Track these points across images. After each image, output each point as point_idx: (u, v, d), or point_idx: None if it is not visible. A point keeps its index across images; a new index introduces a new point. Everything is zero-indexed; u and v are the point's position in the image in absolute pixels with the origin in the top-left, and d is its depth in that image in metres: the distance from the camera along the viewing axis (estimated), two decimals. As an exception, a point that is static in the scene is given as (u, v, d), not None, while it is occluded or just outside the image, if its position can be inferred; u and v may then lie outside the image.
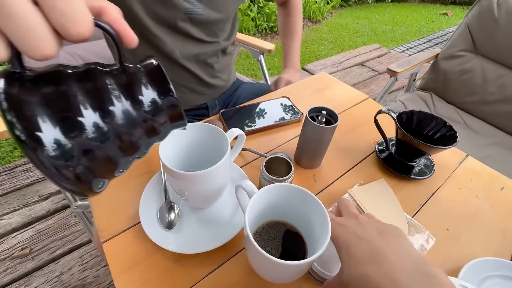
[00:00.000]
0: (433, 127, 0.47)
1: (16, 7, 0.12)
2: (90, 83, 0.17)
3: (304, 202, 0.29)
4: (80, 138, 0.16)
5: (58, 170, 0.16)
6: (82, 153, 0.16)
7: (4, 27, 0.13)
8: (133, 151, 0.20)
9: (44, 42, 0.13)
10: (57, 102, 0.16)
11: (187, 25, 0.54)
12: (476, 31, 0.98)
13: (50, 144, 0.15)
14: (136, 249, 0.34)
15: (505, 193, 0.46)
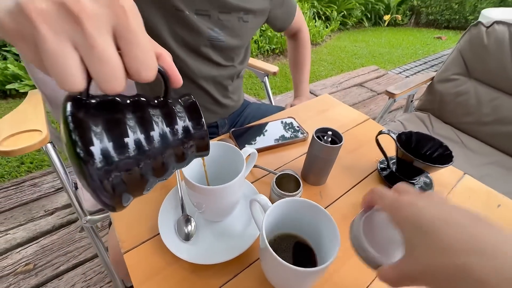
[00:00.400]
0: (431, 147, 0.50)
1: (107, 53, 0.15)
2: (139, 112, 0.20)
3: (314, 215, 0.32)
4: (125, 158, 0.19)
5: (102, 184, 0.18)
6: (124, 170, 0.19)
7: (92, 66, 0.16)
8: (163, 173, 0.22)
9: (120, 82, 0.17)
10: (111, 126, 0.19)
11: (208, 50, 0.59)
12: (468, 57, 1.05)
13: (101, 161, 0.18)
14: (155, 259, 0.37)
15: (501, 210, 0.49)
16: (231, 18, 0.58)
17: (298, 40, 0.85)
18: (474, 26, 1.03)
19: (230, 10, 0.57)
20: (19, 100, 2.05)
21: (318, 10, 4.10)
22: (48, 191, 1.25)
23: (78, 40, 0.15)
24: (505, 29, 0.96)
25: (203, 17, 0.55)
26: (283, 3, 0.70)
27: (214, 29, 0.57)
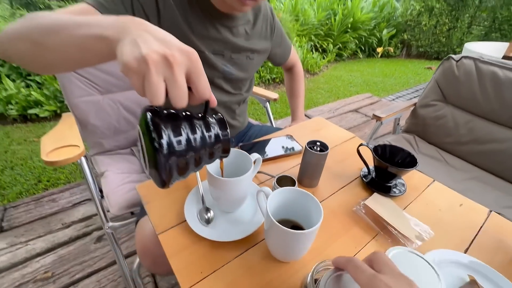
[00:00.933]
0: (401, 156, 0.62)
1: (182, 85, 0.27)
2: (189, 121, 0.32)
3: (304, 200, 0.43)
4: (180, 149, 0.30)
5: (164, 165, 0.29)
6: (178, 157, 0.30)
7: (171, 91, 0.27)
8: (199, 164, 0.33)
9: (185, 101, 0.28)
10: (173, 128, 0.30)
11: (221, 81, 0.73)
12: (443, 86, 1.20)
13: (166, 149, 0.29)
14: (182, 239, 0.47)
15: (462, 208, 0.59)
16: (241, 56, 0.74)
17: (293, 73, 1.01)
18: (446, 60, 1.20)
19: (240, 51, 0.73)
20: (38, 124, 2.22)
21: (315, 44, 4.44)
22: (65, 206, 1.34)
23: (168, 76, 0.27)
24: (472, 62, 1.13)
25: (219, 56, 0.70)
26: (281, 43, 0.87)
27: (226, 65, 0.72)
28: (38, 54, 0.38)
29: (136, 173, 0.98)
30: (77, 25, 0.33)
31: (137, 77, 0.27)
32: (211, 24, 0.65)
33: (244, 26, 0.72)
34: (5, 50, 0.41)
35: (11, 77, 2.36)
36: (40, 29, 0.36)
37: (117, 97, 1.12)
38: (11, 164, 1.71)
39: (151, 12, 0.58)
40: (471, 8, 5.08)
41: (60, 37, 0.34)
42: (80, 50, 0.34)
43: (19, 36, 0.39)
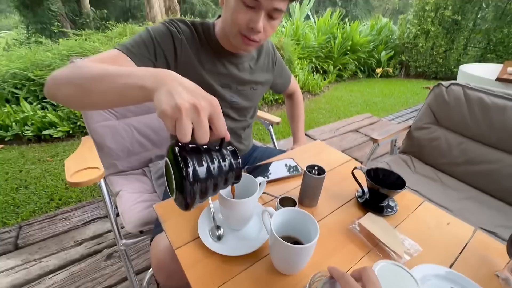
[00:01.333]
0: (392, 179, 0.68)
1: (206, 126, 0.35)
2: (208, 154, 0.39)
3: (303, 219, 0.49)
4: (203, 176, 0.37)
5: (190, 191, 0.36)
6: (201, 183, 0.37)
7: (197, 131, 0.34)
8: (216, 190, 0.40)
9: (207, 139, 0.36)
10: (197, 160, 0.37)
11: (228, 110, 0.82)
12: (435, 110, 1.28)
13: (193, 177, 0.36)
14: (197, 253, 0.53)
15: (450, 227, 0.65)
16: (245, 88, 0.83)
17: (293, 100, 1.11)
18: (437, 86, 1.29)
19: (244, 83, 0.82)
20: (51, 144, 2.32)
21: (316, 65, 4.62)
22: (77, 224, 1.40)
23: (195, 120, 0.34)
24: (460, 89, 1.22)
25: (226, 88, 0.79)
26: (282, 74, 0.97)
27: (233, 96, 0.81)
28: (83, 97, 0.46)
29: (148, 192, 1.05)
30: (118, 75, 0.41)
31: (170, 121, 0.34)
32: (220, 61, 0.75)
33: (249, 62, 0.82)
34: (53, 93, 0.50)
35: (28, 100, 2.50)
36: (86, 77, 0.45)
37: (131, 121, 1.21)
38: (26, 183, 1.80)
39: (170, 55, 0.68)
40: (465, 31, 5.29)
41: (103, 85, 0.42)
42: (119, 96, 0.42)
43: (67, 81, 0.47)
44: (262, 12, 0.59)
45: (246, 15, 0.59)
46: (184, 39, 0.69)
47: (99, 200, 1.60)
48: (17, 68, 2.51)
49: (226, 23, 0.65)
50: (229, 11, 0.61)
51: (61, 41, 2.90)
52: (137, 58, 0.61)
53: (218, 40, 0.73)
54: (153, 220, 0.88)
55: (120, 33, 3.10)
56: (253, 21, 0.59)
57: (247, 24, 0.60)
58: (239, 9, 0.59)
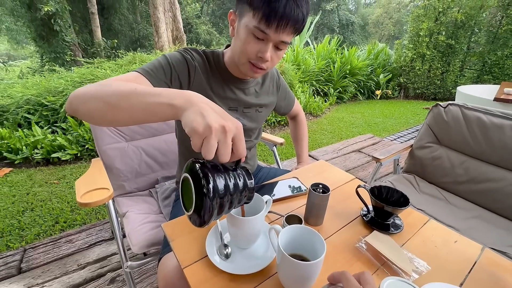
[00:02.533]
0: (396, 197, 0.70)
1: (229, 146, 0.38)
2: (226, 172, 0.41)
3: (309, 236, 0.51)
4: (222, 193, 0.39)
5: (209, 207, 0.38)
6: (219, 199, 0.39)
7: (220, 150, 0.38)
8: (230, 207, 0.42)
9: (228, 158, 0.38)
10: (216, 177, 0.39)
11: None
12: (435, 129, 1.31)
13: (212, 193, 0.38)
14: (205, 272, 0.54)
15: (457, 245, 0.64)
16: (251, 110, 0.87)
17: (297, 122, 1.15)
18: (435, 106, 1.33)
19: (250, 106, 0.87)
20: (59, 167, 2.37)
21: (317, 88, 4.76)
22: (81, 247, 1.39)
23: (221, 140, 0.37)
24: (458, 109, 1.25)
25: (233, 111, 0.84)
26: (285, 97, 1.02)
27: (239, 118, 0.85)
28: (108, 112, 0.47)
29: (154, 213, 1.06)
30: (147, 93, 0.44)
31: (199, 138, 0.37)
32: (228, 87, 0.81)
33: (254, 86, 0.87)
34: (75, 108, 0.52)
35: (39, 124, 2.59)
36: (115, 93, 0.47)
37: (140, 143, 1.26)
38: (32, 205, 1.81)
39: (184, 79, 0.74)
40: (460, 54, 5.48)
41: (131, 101, 0.45)
42: (147, 112, 0.44)
43: (93, 97, 0.49)
44: (270, 44, 0.65)
45: (256, 46, 0.65)
46: (197, 66, 0.75)
47: (104, 222, 1.60)
48: (31, 94, 2.63)
49: (236, 52, 0.70)
50: (240, 42, 0.67)
51: (74, 69, 3.06)
52: (154, 80, 0.66)
53: (227, 68, 0.79)
54: (160, 241, 0.88)
55: (130, 61, 3.27)
56: (262, 51, 0.66)
57: (256, 54, 0.66)
58: (250, 40, 0.65)
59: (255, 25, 0.62)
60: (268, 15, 0.59)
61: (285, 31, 0.63)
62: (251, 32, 0.64)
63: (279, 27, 0.61)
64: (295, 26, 0.63)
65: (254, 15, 0.61)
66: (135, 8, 10.58)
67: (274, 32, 0.62)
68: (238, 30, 0.67)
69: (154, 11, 5.41)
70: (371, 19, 21.67)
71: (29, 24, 6.90)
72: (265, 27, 0.61)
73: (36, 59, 8.25)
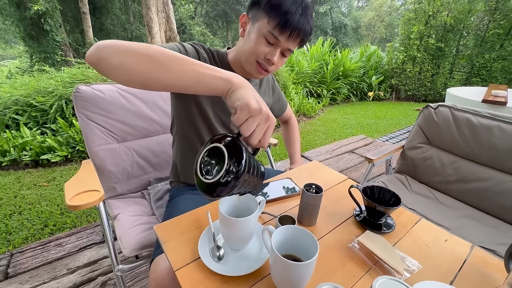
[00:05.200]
0: (388, 197, 0.70)
1: (263, 131, 0.43)
2: (253, 155, 0.45)
3: (302, 236, 0.50)
4: (249, 169, 0.42)
5: (237, 177, 0.40)
6: (247, 174, 0.42)
7: (256, 132, 0.43)
8: (244, 188, 0.45)
9: (257, 142, 0.43)
10: (250, 155, 0.44)
11: (233, 127, 0.88)
12: (426, 130, 1.33)
13: (244, 166, 0.41)
14: (197, 274, 0.53)
15: (448, 244, 0.65)
16: None
17: (289, 125, 1.18)
18: (425, 108, 1.35)
19: None
20: (48, 169, 2.31)
21: (310, 90, 4.79)
22: (71, 250, 1.36)
23: (261, 124, 0.43)
24: (448, 110, 1.28)
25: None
26: (279, 100, 1.05)
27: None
28: (155, 72, 0.46)
29: (147, 215, 1.04)
30: (200, 65, 0.48)
31: (246, 114, 0.42)
32: None
33: (254, 87, 0.89)
34: (105, 57, 0.46)
35: (28, 125, 2.53)
36: (167, 55, 0.47)
37: (132, 144, 1.24)
38: (20, 209, 1.76)
39: None
40: (450, 56, 5.61)
41: (185, 67, 0.47)
42: (197, 81, 0.47)
43: (138, 52, 0.46)
44: (278, 49, 0.72)
45: (266, 49, 0.71)
46: (205, 57, 0.79)
47: (95, 225, 1.57)
48: (19, 95, 2.57)
49: (245, 52, 0.74)
50: (251, 43, 0.72)
51: (65, 69, 3.00)
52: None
53: (230, 66, 0.82)
54: (152, 243, 0.87)
55: (122, 61, 3.23)
56: (270, 54, 0.72)
57: (265, 56, 0.72)
58: (261, 42, 0.70)
59: (269, 30, 0.68)
60: (283, 24, 0.66)
61: (295, 41, 0.70)
62: (264, 36, 0.69)
63: (291, 36, 0.68)
64: (303, 38, 0.71)
65: (269, 21, 0.67)
66: (128, 8, 10.48)
67: (285, 40, 0.69)
68: (249, 32, 0.73)
69: (147, 11, 5.36)
70: (363, 22, 21.99)
71: (18, 24, 6.76)
72: (278, 34, 0.68)
73: (26, 59, 8.07)
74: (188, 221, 0.67)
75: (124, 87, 1.21)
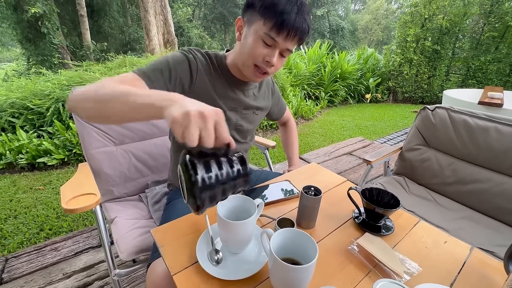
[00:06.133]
0: (386, 199, 0.70)
1: (212, 132, 0.39)
2: (217, 160, 0.41)
3: (301, 239, 0.50)
4: (211, 181, 0.39)
5: (199, 195, 0.39)
6: (210, 188, 0.39)
7: (204, 137, 0.38)
8: (224, 194, 0.42)
9: (212, 143, 0.39)
10: (206, 166, 0.39)
11: (233, 132, 0.88)
12: (423, 131, 1.34)
13: (201, 183, 0.38)
14: (195, 278, 0.52)
15: (447, 245, 0.65)
16: (249, 112, 0.90)
17: (287, 127, 1.18)
18: (423, 109, 1.35)
19: (249, 108, 0.88)
20: (44, 172, 2.29)
21: (308, 92, 4.80)
22: (67, 255, 1.34)
23: (201, 126, 0.38)
24: (445, 112, 1.28)
25: (233, 111, 0.85)
26: (278, 103, 1.05)
27: (238, 119, 0.87)
28: (101, 112, 0.52)
29: (144, 219, 1.03)
30: (134, 95, 0.47)
31: (180, 127, 0.38)
32: (230, 87, 0.83)
33: (253, 90, 0.90)
34: (73, 107, 0.56)
35: (25, 128, 2.51)
36: (107, 94, 0.50)
37: (129, 147, 1.23)
38: (15, 213, 1.74)
39: (186, 79, 0.75)
40: (446, 59, 5.66)
41: (120, 101, 0.48)
42: (134, 112, 0.47)
43: (87, 97, 0.53)
44: (277, 50, 0.70)
45: (264, 51, 0.70)
46: (200, 66, 0.77)
47: (92, 229, 1.55)
48: (16, 97, 2.55)
49: (243, 55, 0.73)
50: (248, 46, 0.70)
51: (62, 72, 2.99)
52: (150, 82, 0.67)
53: (229, 69, 0.82)
54: (149, 247, 0.86)
55: (120, 64, 3.22)
56: (269, 56, 0.70)
57: (264, 58, 0.71)
58: (259, 45, 0.69)
59: (266, 32, 0.67)
60: (279, 25, 0.65)
61: (293, 41, 0.69)
62: (261, 38, 0.68)
63: (288, 36, 0.67)
64: (301, 37, 0.69)
65: (265, 23, 0.66)
66: (126, 11, 10.49)
67: (283, 40, 0.67)
68: (246, 35, 0.71)
69: (145, 14, 5.37)
70: (360, 25, 22.17)
71: (15, 26, 6.73)
72: (275, 35, 0.66)
73: (22, 62, 8.03)
74: (186, 225, 0.67)
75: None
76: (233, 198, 0.60)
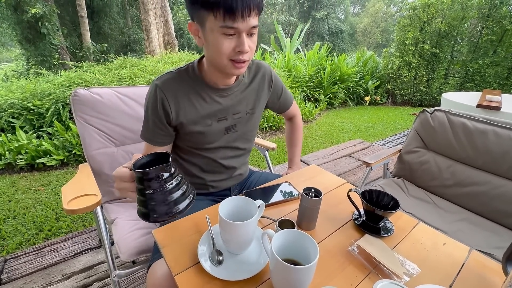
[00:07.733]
0: (386, 200, 0.71)
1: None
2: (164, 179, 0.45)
3: (302, 240, 0.50)
4: (158, 200, 0.45)
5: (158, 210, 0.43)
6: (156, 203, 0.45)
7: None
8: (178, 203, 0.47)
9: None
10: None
11: (230, 140, 0.87)
12: (422, 134, 1.35)
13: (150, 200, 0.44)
14: (197, 279, 0.52)
15: (446, 247, 0.66)
16: (242, 115, 0.85)
17: (293, 124, 1.13)
18: (422, 112, 1.37)
19: (238, 111, 0.85)
20: (44, 173, 2.29)
21: (307, 94, 4.82)
22: (67, 256, 1.34)
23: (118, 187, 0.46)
24: (444, 114, 1.30)
25: (223, 120, 0.82)
26: (281, 96, 0.99)
27: (232, 126, 0.84)
28: None
29: (144, 220, 1.03)
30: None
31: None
32: (211, 98, 0.79)
33: (239, 90, 0.85)
34: None
35: (24, 129, 2.51)
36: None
37: (130, 148, 1.23)
38: (14, 213, 1.74)
39: (168, 117, 0.77)
40: (444, 62, 5.69)
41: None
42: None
43: None
44: (243, 34, 0.64)
45: (231, 44, 0.65)
46: (171, 96, 0.75)
47: (91, 230, 1.55)
48: (15, 98, 2.55)
49: (214, 57, 0.69)
50: (213, 47, 0.66)
51: (62, 73, 2.99)
52: (155, 141, 0.79)
53: (206, 79, 0.78)
54: (149, 248, 0.86)
55: (120, 65, 3.23)
56: (238, 45, 0.65)
57: (234, 50, 0.66)
58: (222, 41, 0.64)
59: (221, 24, 0.61)
60: (229, 9, 0.59)
61: (251, 16, 0.63)
62: (221, 33, 0.63)
63: (245, 15, 0.61)
64: (258, 6, 0.63)
65: (216, 16, 0.61)
66: (126, 12, 10.51)
67: (241, 22, 0.62)
68: (205, 37, 0.67)
69: (145, 15, 5.39)
70: (359, 27, 22.29)
71: (15, 27, 6.73)
72: (231, 22, 0.61)
73: (22, 62, 8.01)
74: (187, 225, 0.67)
75: (123, 90, 1.21)
76: (235, 199, 0.60)
